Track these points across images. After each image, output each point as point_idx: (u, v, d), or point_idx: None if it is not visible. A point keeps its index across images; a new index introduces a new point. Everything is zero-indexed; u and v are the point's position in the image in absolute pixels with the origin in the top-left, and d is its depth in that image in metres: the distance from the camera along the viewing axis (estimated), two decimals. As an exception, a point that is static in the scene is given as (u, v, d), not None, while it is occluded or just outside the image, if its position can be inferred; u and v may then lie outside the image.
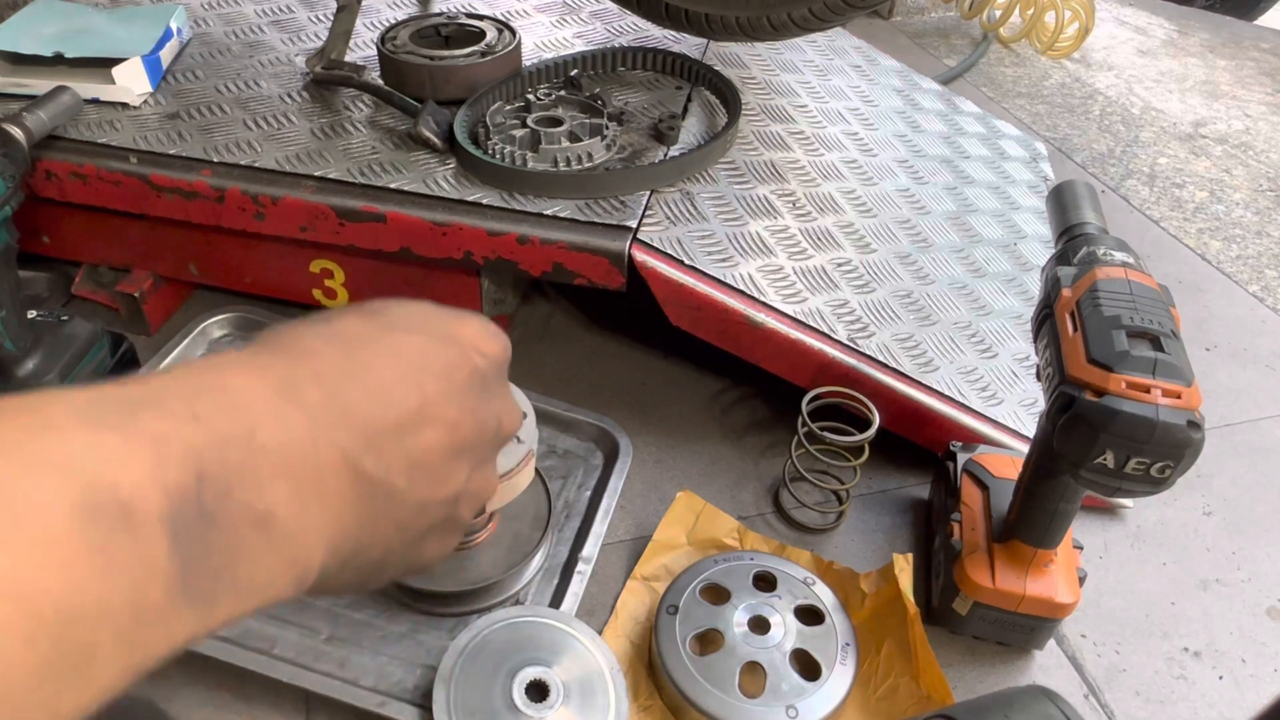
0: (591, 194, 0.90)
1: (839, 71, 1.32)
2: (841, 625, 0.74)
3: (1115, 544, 0.89)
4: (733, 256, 0.91)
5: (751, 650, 0.71)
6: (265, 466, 0.28)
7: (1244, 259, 1.33)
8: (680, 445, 0.96)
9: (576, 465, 0.91)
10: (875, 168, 1.15)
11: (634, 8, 1.16)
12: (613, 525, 0.85)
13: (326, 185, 0.91)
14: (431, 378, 0.35)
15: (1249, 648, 0.81)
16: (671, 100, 1.08)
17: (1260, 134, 1.68)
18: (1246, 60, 1.98)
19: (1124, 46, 2.01)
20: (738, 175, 1.01)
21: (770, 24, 1.04)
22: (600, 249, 0.87)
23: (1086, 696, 0.76)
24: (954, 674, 0.76)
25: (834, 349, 0.87)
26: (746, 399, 1.02)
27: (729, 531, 0.85)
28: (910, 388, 0.88)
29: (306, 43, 1.17)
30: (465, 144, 0.93)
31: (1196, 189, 1.50)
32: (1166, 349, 0.61)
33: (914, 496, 0.92)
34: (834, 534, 0.88)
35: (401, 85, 1.02)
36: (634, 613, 0.78)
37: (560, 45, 1.18)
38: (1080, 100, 1.76)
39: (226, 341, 1.00)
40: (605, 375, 1.04)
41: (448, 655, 0.69)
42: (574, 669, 0.69)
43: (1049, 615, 0.74)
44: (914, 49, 1.93)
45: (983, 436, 0.88)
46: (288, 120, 1.01)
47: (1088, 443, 0.61)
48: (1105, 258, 0.69)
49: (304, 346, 0.33)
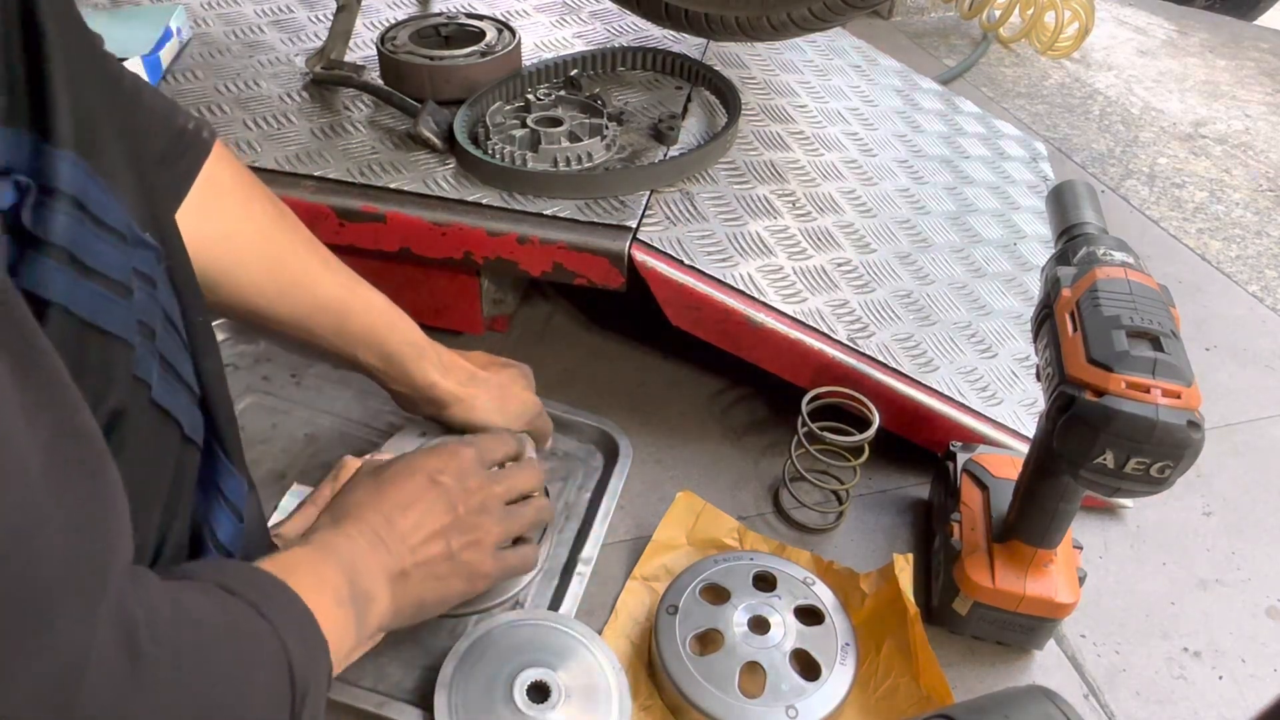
0: (591, 194, 0.90)
1: (839, 71, 1.32)
2: (841, 625, 0.74)
3: (1115, 544, 0.89)
4: (733, 256, 0.91)
5: (751, 650, 0.71)
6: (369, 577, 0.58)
7: (1244, 259, 1.33)
8: (680, 445, 0.96)
9: (576, 467, 0.91)
10: (875, 168, 1.15)
11: (634, 8, 1.16)
12: (612, 526, 0.85)
13: (326, 185, 0.92)
14: (432, 516, 0.63)
15: (1249, 648, 0.81)
16: (671, 100, 1.08)
17: (1260, 134, 1.68)
18: (1246, 60, 1.98)
19: (1124, 46, 2.01)
20: (738, 175, 1.01)
21: (770, 24, 1.04)
22: (600, 249, 0.87)
23: (1086, 696, 0.76)
24: (954, 674, 0.76)
25: (834, 349, 0.87)
26: (746, 399, 1.02)
27: (729, 531, 0.85)
28: (910, 388, 0.88)
29: (306, 43, 1.17)
30: (465, 144, 0.93)
31: (1196, 189, 1.50)
32: (1166, 349, 0.61)
33: (914, 496, 0.92)
34: (834, 534, 0.88)
35: (401, 85, 1.02)
36: (634, 613, 0.78)
37: (560, 45, 1.18)
38: (1080, 100, 1.76)
39: (228, 345, 1.00)
40: (605, 375, 1.04)
41: (448, 660, 0.69)
42: (575, 669, 0.69)
43: (1049, 615, 0.74)
44: (914, 49, 1.93)
45: (983, 436, 0.88)
46: (287, 120, 1.01)
47: (1088, 443, 0.61)
48: (1105, 258, 0.69)
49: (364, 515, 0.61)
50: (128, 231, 0.43)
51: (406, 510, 0.62)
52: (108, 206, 0.42)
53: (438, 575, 0.62)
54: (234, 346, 1.00)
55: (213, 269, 0.63)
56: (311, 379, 0.97)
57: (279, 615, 0.46)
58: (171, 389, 0.47)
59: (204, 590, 0.44)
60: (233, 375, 0.97)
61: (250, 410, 0.93)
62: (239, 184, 0.65)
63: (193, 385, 0.50)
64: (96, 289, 0.40)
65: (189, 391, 0.50)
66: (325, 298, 0.68)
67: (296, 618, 0.48)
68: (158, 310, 0.46)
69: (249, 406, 0.94)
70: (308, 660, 0.47)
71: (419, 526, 0.62)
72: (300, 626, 0.48)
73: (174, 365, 0.48)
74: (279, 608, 0.47)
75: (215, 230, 0.62)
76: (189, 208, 0.60)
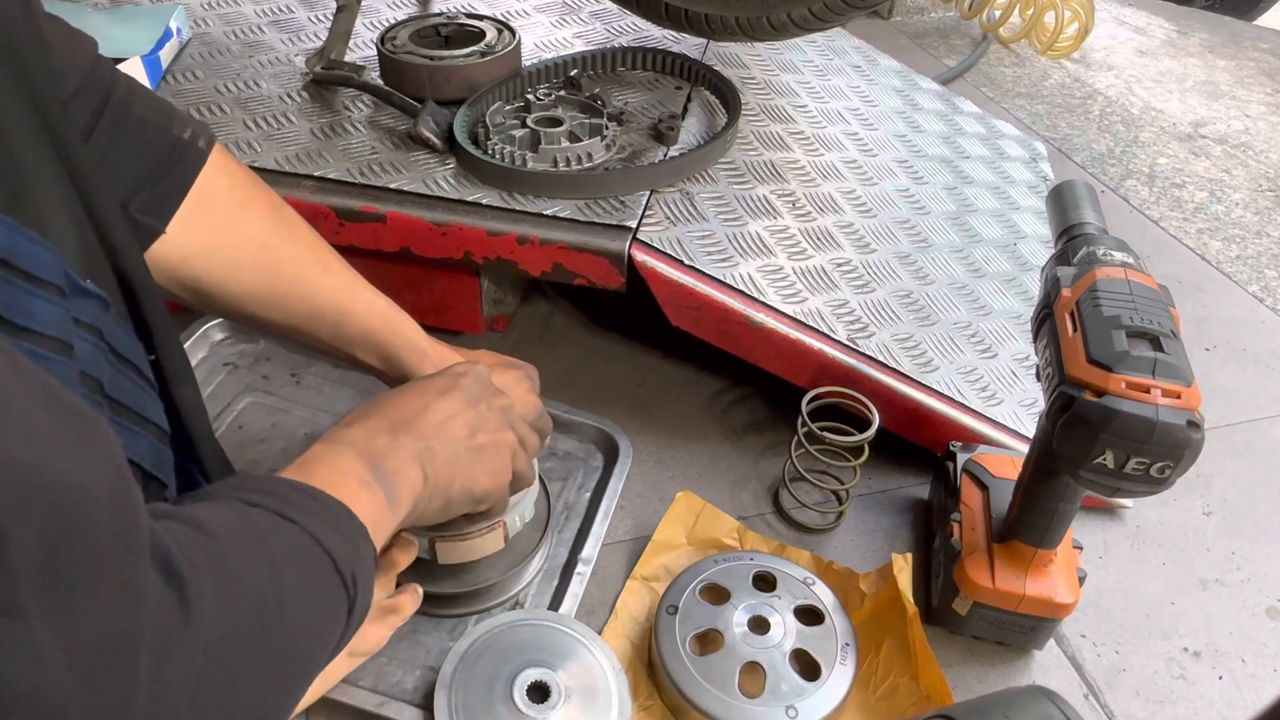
0: (591, 194, 0.90)
1: (839, 71, 1.32)
2: (841, 625, 0.74)
3: (1115, 544, 0.89)
4: (732, 256, 0.91)
5: (751, 650, 0.71)
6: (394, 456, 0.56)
7: (1244, 259, 1.33)
8: (680, 445, 0.96)
9: (576, 467, 0.91)
10: (875, 168, 1.15)
11: (634, 8, 1.16)
12: (612, 526, 0.85)
13: (326, 185, 0.91)
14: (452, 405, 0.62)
15: (1249, 648, 0.81)
16: (671, 100, 1.08)
17: (1260, 134, 1.68)
18: (1246, 60, 1.98)
19: (1124, 46, 2.01)
20: (737, 175, 1.01)
21: (770, 24, 1.04)
22: (600, 249, 0.87)
23: (1086, 696, 0.76)
24: (954, 674, 0.76)
25: (834, 349, 0.87)
26: (746, 399, 1.02)
27: (729, 531, 0.85)
28: (910, 388, 0.88)
29: (306, 43, 1.17)
30: (465, 144, 0.93)
31: (1196, 189, 1.50)
32: (1166, 349, 0.61)
33: (914, 496, 0.92)
34: (834, 534, 0.88)
35: (401, 85, 1.02)
36: (634, 613, 0.78)
37: (560, 45, 1.18)
38: (1080, 100, 1.76)
39: (228, 344, 1.00)
40: (605, 375, 1.04)
41: (448, 660, 0.69)
42: (575, 669, 0.69)
43: (1049, 615, 0.74)
44: (914, 49, 1.93)
45: (982, 436, 0.88)
46: (287, 120, 1.01)
47: (1087, 443, 0.61)
48: (1105, 258, 0.69)
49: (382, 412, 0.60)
50: (65, 283, 0.42)
51: (424, 409, 0.60)
52: (40, 260, 0.41)
53: (461, 458, 0.60)
54: (234, 346, 1.00)
55: (206, 280, 0.63)
56: (311, 378, 0.97)
57: (303, 514, 0.46)
58: (127, 433, 0.47)
59: (225, 507, 0.44)
60: (232, 375, 0.97)
61: (250, 410, 0.93)
62: (235, 192, 0.65)
63: (160, 422, 0.51)
64: (32, 349, 0.39)
65: (154, 429, 0.50)
66: (322, 304, 0.68)
67: (322, 511, 0.48)
68: (104, 359, 0.45)
69: (249, 406, 0.94)
70: (346, 547, 0.47)
71: (439, 412, 0.60)
72: (330, 518, 0.48)
73: (131, 407, 0.48)
74: (301, 507, 0.47)
75: (208, 242, 0.62)
76: (182, 219, 0.60)
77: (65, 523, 0.29)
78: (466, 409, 0.62)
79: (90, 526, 0.30)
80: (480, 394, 0.64)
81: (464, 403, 0.62)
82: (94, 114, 0.56)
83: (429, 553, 0.70)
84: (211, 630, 0.36)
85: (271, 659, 0.41)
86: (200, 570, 0.36)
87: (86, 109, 0.56)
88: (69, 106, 0.54)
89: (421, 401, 0.61)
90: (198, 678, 0.35)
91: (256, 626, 0.39)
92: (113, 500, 0.32)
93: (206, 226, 0.62)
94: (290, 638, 0.42)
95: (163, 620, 0.34)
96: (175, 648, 0.34)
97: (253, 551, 0.41)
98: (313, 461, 0.54)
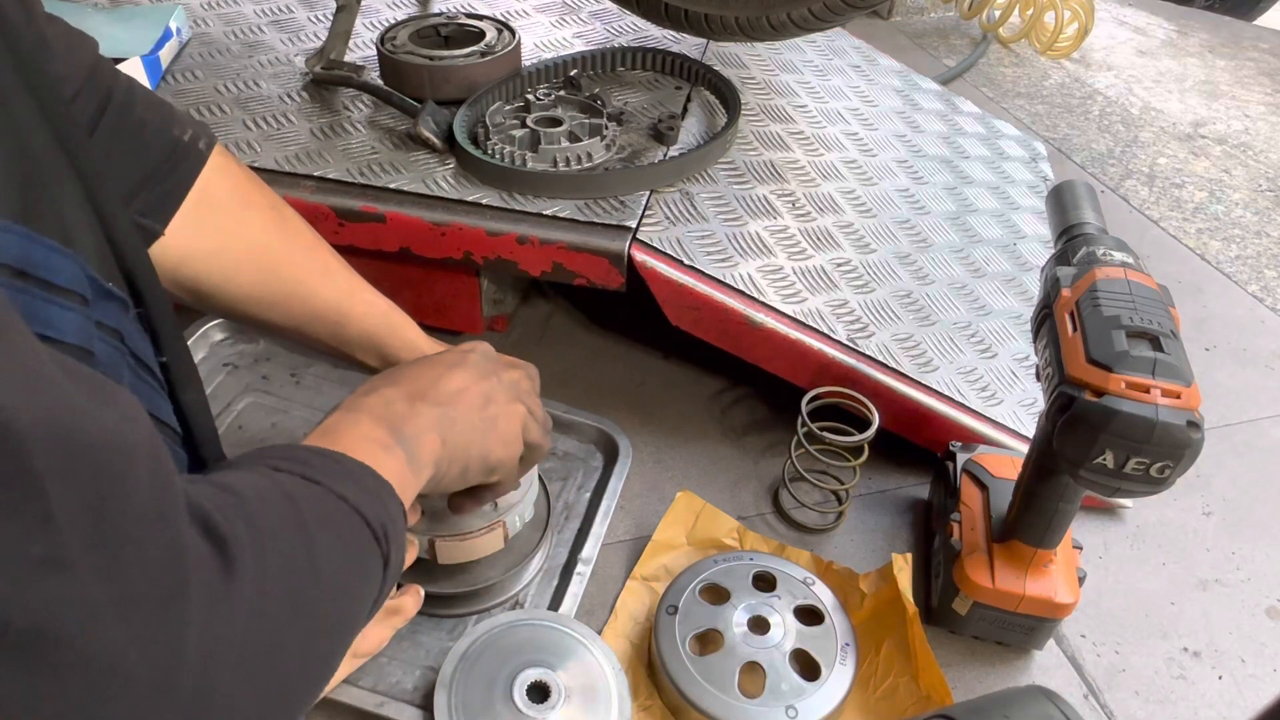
0: (591, 194, 0.90)
1: (839, 71, 1.32)
2: (841, 625, 0.74)
3: (1115, 544, 0.89)
4: (732, 256, 0.91)
5: (751, 650, 0.71)
6: (413, 422, 0.56)
7: (1243, 259, 1.33)
8: (680, 445, 0.96)
9: (576, 467, 0.91)
10: (875, 168, 1.15)
11: (634, 8, 1.16)
12: (612, 526, 0.85)
13: (326, 185, 0.91)
14: (465, 377, 0.61)
15: (1249, 648, 0.81)
16: (671, 100, 1.08)
17: (1260, 134, 1.68)
18: (1246, 60, 1.98)
19: (1124, 46, 2.01)
20: (737, 175, 1.01)
21: (770, 24, 1.04)
22: (600, 249, 0.87)
23: (1086, 696, 0.76)
24: (953, 674, 0.76)
25: (834, 349, 0.87)
26: (746, 399, 1.02)
27: (729, 531, 0.85)
28: (910, 388, 0.88)
29: (306, 43, 1.17)
30: (465, 144, 0.93)
31: (1196, 189, 1.50)
32: (1166, 349, 0.61)
33: (913, 496, 0.92)
34: (834, 534, 0.88)
35: (401, 85, 1.02)
36: (634, 613, 0.78)
37: (560, 45, 1.18)
38: (1080, 100, 1.76)
39: (228, 345, 1.00)
40: (605, 376, 1.04)
41: (448, 660, 0.69)
42: (575, 669, 0.69)
43: (1048, 615, 0.74)
44: (914, 49, 1.93)
45: (982, 436, 0.88)
46: (287, 120, 1.01)
47: (1087, 443, 0.61)
48: (1105, 258, 0.69)
49: (397, 383, 0.60)
50: (88, 288, 0.42)
51: (438, 379, 0.60)
52: (58, 267, 0.40)
53: (476, 427, 0.60)
54: (234, 346, 1.00)
55: (206, 281, 0.63)
56: (311, 378, 0.97)
57: (328, 476, 0.46)
58: None
59: (252, 473, 0.44)
60: (232, 375, 0.97)
61: (250, 410, 0.93)
62: (235, 194, 0.65)
63: (173, 424, 0.51)
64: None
65: (170, 431, 0.50)
66: (321, 306, 0.68)
67: (347, 473, 0.48)
68: (124, 362, 0.45)
69: (249, 406, 0.94)
70: (375, 504, 0.47)
71: (453, 382, 0.60)
72: (355, 479, 0.48)
73: (149, 410, 0.47)
74: (326, 470, 0.47)
75: (207, 244, 0.62)
76: (181, 221, 0.60)
77: (108, 479, 0.30)
78: (478, 381, 0.62)
79: (132, 482, 0.31)
80: (490, 368, 0.64)
81: (475, 376, 0.62)
82: (95, 115, 0.56)
83: (429, 553, 0.70)
84: (254, 586, 0.36)
85: (311, 616, 0.41)
86: (238, 529, 0.37)
87: (88, 111, 0.55)
88: (71, 108, 0.54)
89: (435, 372, 0.61)
90: (243, 633, 0.35)
91: (295, 584, 0.40)
92: (151, 457, 0.32)
93: (206, 228, 0.62)
94: (328, 594, 0.42)
95: (208, 576, 0.34)
96: (221, 602, 0.34)
97: (283, 512, 0.42)
98: (333, 429, 0.54)
